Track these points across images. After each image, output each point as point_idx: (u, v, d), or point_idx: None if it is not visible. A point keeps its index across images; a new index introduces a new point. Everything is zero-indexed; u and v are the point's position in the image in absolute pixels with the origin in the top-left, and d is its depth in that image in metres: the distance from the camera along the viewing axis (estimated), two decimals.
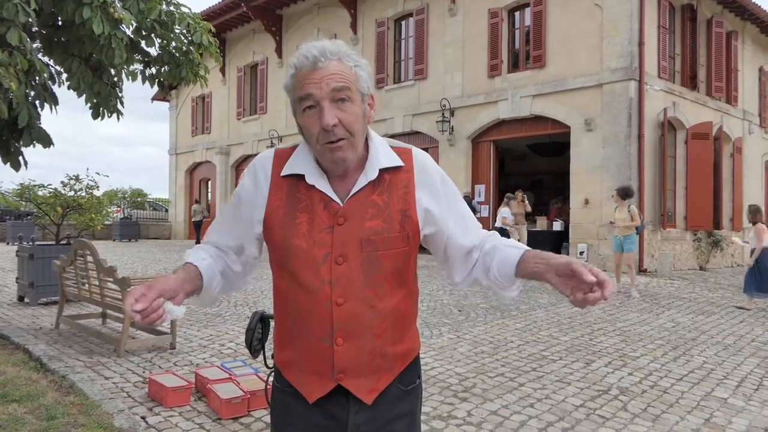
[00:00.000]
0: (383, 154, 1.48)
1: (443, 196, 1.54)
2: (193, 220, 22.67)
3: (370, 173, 1.45)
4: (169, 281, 1.41)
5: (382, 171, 1.47)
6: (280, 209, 1.46)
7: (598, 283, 1.31)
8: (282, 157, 1.50)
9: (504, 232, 11.91)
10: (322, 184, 1.44)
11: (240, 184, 1.55)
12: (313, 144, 1.40)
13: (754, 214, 9.38)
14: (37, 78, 5.22)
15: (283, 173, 1.48)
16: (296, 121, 1.44)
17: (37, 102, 5.52)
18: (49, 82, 5.69)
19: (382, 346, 1.47)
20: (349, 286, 1.42)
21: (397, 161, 1.49)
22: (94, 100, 5.94)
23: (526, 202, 14.82)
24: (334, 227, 1.42)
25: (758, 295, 8.93)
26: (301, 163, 1.47)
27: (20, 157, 5.75)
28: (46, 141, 5.62)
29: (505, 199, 14.16)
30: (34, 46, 5.77)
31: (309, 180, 1.44)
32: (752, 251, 9.10)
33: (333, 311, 1.41)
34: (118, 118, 6.23)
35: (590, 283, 1.31)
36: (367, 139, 1.48)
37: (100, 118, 6.04)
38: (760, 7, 16.52)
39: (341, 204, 1.43)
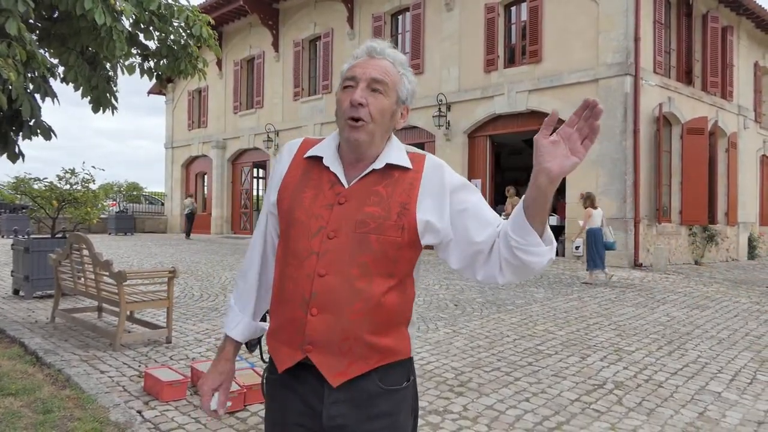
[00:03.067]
0: (395, 154, 1.56)
1: (456, 203, 1.54)
2: (185, 213, 22.77)
3: (378, 164, 1.54)
4: (215, 378, 1.68)
5: (392, 167, 1.54)
6: (292, 184, 1.57)
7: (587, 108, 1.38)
8: (309, 144, 1.64)
9: None
10: (336, 167, 1.55)
11: (271, 169, 1.69)
12: (339, 118, 1.53)
13: (585, 200, 10.97)
14: (35, 70, 5.18)
15: (306, 154, 1.61)
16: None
17: (37, 94, 5.49)
18: (48, 74, 5.66)
19: (357, 330, 1.46)
20: (335, 260, 1.47)
21: (405, 162, 1.55)
22: (92, 94, 5.91)
23: (515, 198, 14.67)
24: (334, 206, 1.51)
25: (595, 269, 10.48)
26: (323, 149, 1.59)
27: (17, 149, 5.72)
28: (47, 133, 5.60)
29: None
30: (32, 37, 5.73)
31: (326, 162, 1.56)
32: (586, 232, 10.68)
33: (314, 281, 1.47)
34: (113, 113, 6.20)
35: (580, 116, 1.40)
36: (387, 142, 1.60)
37: (101, 111, 6.01)
38: (755, 2, 16.54)
39: (346, 186, 1.53)
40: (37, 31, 5.75)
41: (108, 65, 6.10)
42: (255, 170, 24.24)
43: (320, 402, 1.49)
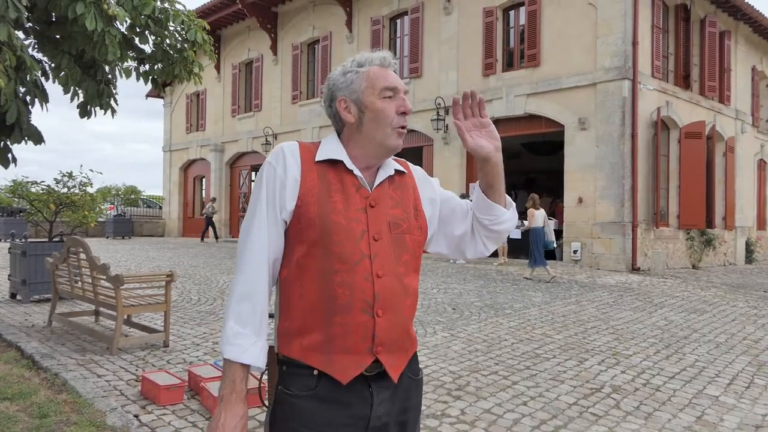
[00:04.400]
0: (391, 160, 1.68)
1: (445, 206, 1.74)
2: (205, 215, 22.52)
3: (388, 170, 1.63)
4: (235, 425, 1.43)
5: (395, 171, 1.65)
6: (314, 188, 1.52)
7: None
8: (308, 147, 1.60)
9: None
10: (357, 171, 1.57)
11: (267, 175, 1.54)
12: (384, 126, 1.56)
13: (529, 200, 12.01)
14: (27, 75, 5.18)
15: (318, 158, 1.57)
16: (358, 105, 1.58)
17: (27, 98, 5.48)
18: (42, 78, 5.65)
19: (407, 323, 1.58)
20: (386, 261, 1.52)
21: (401, 168, 1.69)
22: (81, 99, 5.90)
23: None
24: (367, 209, 1.54)
25: (537, 266, 11.32)
26: (334, 152, 1.58)
27: (9, 154, 5.71)
28: (37, 138, 5.59)
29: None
30: (28, 42, 5.73)
31: (348, 165, 1.56)
32: (528, 231, 11.65)
33: (374, 283, 1.49)
34: (113, 115, 6.20)
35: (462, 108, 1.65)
36: None
37: (87, 117, 6.00)
38: (752, 7, 16.58)
39: (370, 190, 1.57)
40: (32, 36, 5.75)
41: (107, 68, 6.10)
42: (253, 174, 24.22)
43: (369, 407, 1.50)
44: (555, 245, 12.57)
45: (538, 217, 11.63)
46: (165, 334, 5.72)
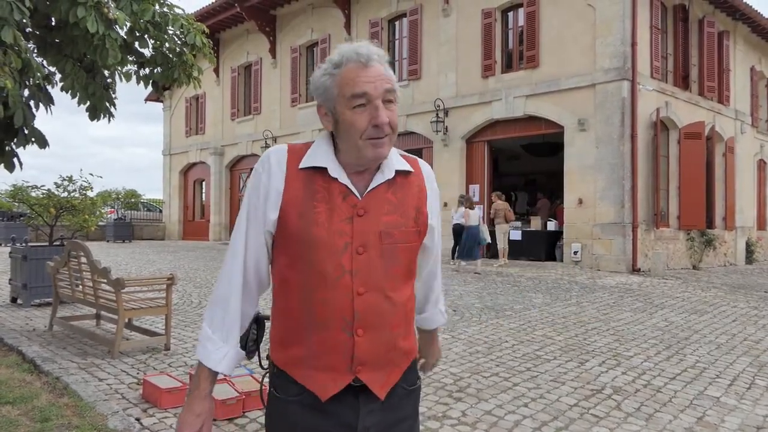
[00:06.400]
0: (396, 159, 1.55)
1: (437, 208, 1.65)
2: None
3: (387, 173, 1.51)
4: (193, 422, 1.48)
5: (397, 173, 1.53)
6: (297, 199, 1.45)
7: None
8: (296, 151, 1.51)
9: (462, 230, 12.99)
10: (343, 178, 1.47)
11: (253, 183, 1.51)
12: (355, 139, 1.43)
13: (463, 201, 13.03)
14: (31, 78, 5.20)
15: (302, 165, 1.48)
16: (333, 115, 1.46)
17: (31, 102, 5.50)
18: (44, 82, 5.67)
19: (395, 339, 1.50)
20: (369, 277, 1.44)
21: (407, 166, 1.56)
22: (89, 102, 5.92)
23: (498, 201, 14.30)
24: (354, 218, 1.44)
25: (466, 259, 12.62)
26: (320, 157, 1.48)
27: (15, 159, 5.73)
28: (42, 142, 5.61)
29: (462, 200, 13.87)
30: (29, 46, 5.75)
31: (332, 173, 1.46)
32: (464, 227, 12.62)
33: (354, 300, 1.42)
34: (110, 120, 6.21)
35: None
36: None
37: (96, 119, 6.02)
38: (750, 7, 16.60)
39: (360, 198, 1.46)
40: (32, 40, 5.77)
41: (106, 72, 6.12)
42: None
43: (356, 416, 1.47)
44: (488, 242, 13.57)
45: (473, 216, 12.72)
46: (166, 337, 5.73)
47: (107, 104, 6.07)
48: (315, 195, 1.45)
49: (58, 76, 5.91)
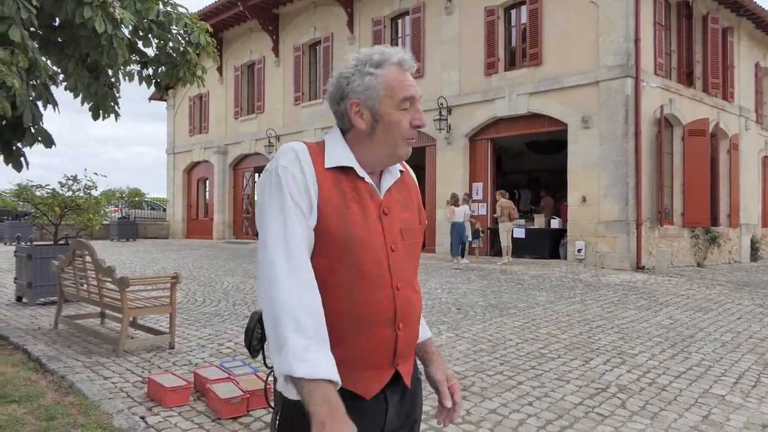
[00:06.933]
0: None
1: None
2: None
3: (394, 172, 1.58)
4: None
5: (399, 173, 1.61)
6: (332, 198, 1.42)
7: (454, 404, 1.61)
8: (315, 150, 1.47)
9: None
10: (368, 178, 1.50)
11: (285, 176, 1.39)
12: (396, 139, 1.49)
13: (451, 198, 13.51)
14: (37, 77, 5.21)
15: (327, 165, 1.45)
16: (372, 113, 1.47)
17: (39, 102, 5.51)
18: (49, 82, 5.69)
19: (418, 328, 1.59)
20: (403, 273, 1.49)
21: (402, 166, 1.65)
22: (92, 101, 5.93)
23: (503, 200, 14.26)
24: (381, 217, 1.48)
25: (456, 255, 12.93)
26: (343, 157, 1.48)
27: (22, 158, 5.75)
28: (48, 141, 5.63)
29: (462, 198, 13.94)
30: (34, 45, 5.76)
31: (360, 172, 1.49)
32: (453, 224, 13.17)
33: (395, 297, 1.46)
34: (116, 119, 6.23)
35: (446, 407, 1.60)
36: None
37: (101, 118, 6.03)
38: (755, 3, 16.54)
39: (381, 196, 1.51)
40: (36, 40, 5.78)
41: (110, 72, 6.13)
42: (256, 175, 24.24)
43: (383, 413, 1.49)
44: (470, 239, 14.07)
45: (458, 213, 13.19)
46: (170, 336, 5.74)
47: (112, 103, 6.08)
48: (346, 195, 1.44)
49: (61, 76, 5.92)
